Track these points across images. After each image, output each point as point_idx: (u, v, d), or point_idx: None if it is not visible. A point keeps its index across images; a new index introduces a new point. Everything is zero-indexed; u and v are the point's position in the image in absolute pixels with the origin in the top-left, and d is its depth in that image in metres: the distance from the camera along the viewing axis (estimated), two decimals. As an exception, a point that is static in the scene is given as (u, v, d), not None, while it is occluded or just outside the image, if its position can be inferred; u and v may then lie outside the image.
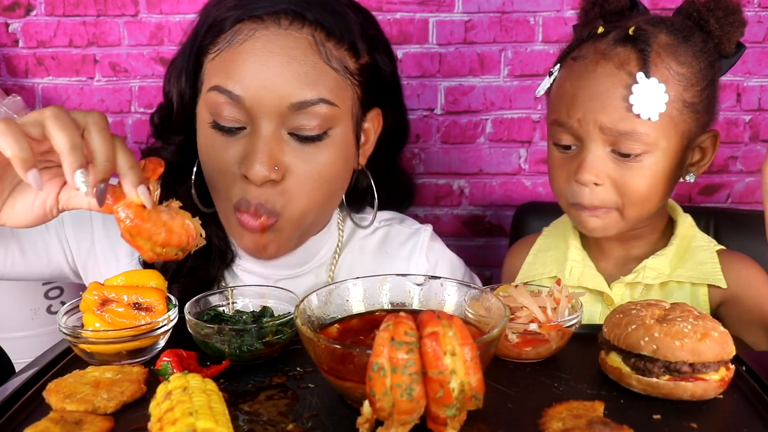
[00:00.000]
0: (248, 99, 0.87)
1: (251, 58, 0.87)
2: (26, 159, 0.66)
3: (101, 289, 0.84)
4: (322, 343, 0.69)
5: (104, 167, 0.70)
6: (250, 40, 0.88)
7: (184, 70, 0.95)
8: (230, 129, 0.90)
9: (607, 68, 0.98)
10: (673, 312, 0.77)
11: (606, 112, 0.97)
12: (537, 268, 1.18)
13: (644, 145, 0.97)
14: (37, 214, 0.76)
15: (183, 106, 0.96)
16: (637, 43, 0.96)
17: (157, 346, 0.84)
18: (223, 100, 0.88)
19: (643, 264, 1.08)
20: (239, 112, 0.89)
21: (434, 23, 1.82)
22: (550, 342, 0.82)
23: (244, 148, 0.90)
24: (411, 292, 0.86)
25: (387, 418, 0.63)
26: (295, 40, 0.88)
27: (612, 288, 1.10)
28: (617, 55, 0.98)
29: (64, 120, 0.68)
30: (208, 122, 0.92)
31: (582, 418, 0.67)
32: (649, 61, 0.95)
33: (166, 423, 0.61)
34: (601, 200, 1.01)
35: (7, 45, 1.84)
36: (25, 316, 1.72)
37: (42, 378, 0.78)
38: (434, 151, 1.90)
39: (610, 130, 0.97)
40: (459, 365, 0.61)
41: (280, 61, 0.87)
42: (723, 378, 0.73)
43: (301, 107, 0.88)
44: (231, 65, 0.88)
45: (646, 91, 0.94)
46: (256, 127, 0.89)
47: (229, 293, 0.92)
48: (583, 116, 0.99)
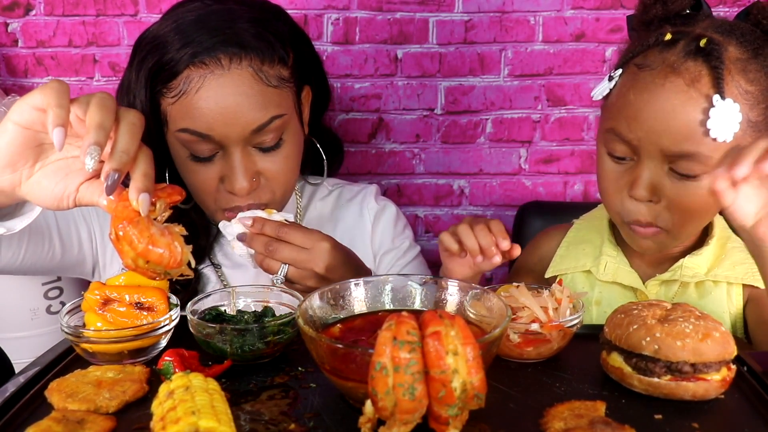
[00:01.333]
0: (216, 135, 1.03)
1: (209, 102, 1.01)
2: (60, 115, 0.69)
3: (103, 288, 0.84)
4: (324, 343, 0.69)
5: (119, 157, 0.70)
6: (203, 87, 1.01)
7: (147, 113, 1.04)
8: (206, 158, 1.06)
9: (677, 84, 0.92)
10: (674, 312, 0.77)
11: (671, 133, 0.92)
12: (569, 262, 1.16)
13: (705, 167, 0.92)
14: (55, 196, 0.76)
15: (156, 139, 1.08)
16: (709, 58, 0.91)
17: (158, 345, 0.84)
18: (194, 138, 1.03)
19: (680, 262, 1.07)
20: (210, 145, 1.04)
21: (434, 23, 1.82)
22: (552, 342, 0.82)
23: (221, 169, 1.06)
24: (413, 291, 0.86)
25: (389, 418, 0.63)
26: (240, 77, 1.02)
27: (647, 285, 1.09)
28: (687, 70, 0.92)
29: (106, 104, 0.71)
30: (185, 156, 1.07)
31: (584, 418, 0.67)
32: (723, 80, 0.89)
33: (168, 422, 0.61)
34: (654, 218, 0.98)
35: (6, 45, 1.84)
36: (24, 317, 1.72)
37: (44, 377, 0.78)
38: (434, 151, 1.90)
39: (672, 151, 0.93)
40: (461, 365, 0.62)
41: (234, 100, 1.02)
42: (724, 378, 0.73)
43: (260, 129, 1.04)
44: (193, 111, 1.02)
45: (723, 113, 0.90)
46: (227, 152, 1.05)
47: (231, 293, 0.92)
48: (645, 134, 0.94)
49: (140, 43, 1.10)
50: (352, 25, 1.82)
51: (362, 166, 1.91)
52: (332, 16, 1.82)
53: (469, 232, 0.95)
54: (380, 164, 1.92)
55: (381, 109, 1.88)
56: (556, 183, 1.96)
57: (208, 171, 1.06)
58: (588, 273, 1.13)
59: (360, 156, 1.91)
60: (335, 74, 1.85)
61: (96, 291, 0.84)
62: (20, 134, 0.72)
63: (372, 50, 1.84)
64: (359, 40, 1.83)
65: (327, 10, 1.81)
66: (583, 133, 1.92)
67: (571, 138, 1.92)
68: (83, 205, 0.77)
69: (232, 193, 1.06)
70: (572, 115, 1.90)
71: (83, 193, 0.75)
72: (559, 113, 1.90)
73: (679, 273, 1.06)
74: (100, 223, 1.18)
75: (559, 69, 1.86)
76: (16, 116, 0.72)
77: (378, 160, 1.91)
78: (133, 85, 1.08)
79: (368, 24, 1.82)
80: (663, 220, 0.98)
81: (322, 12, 1.81)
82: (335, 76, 1.85)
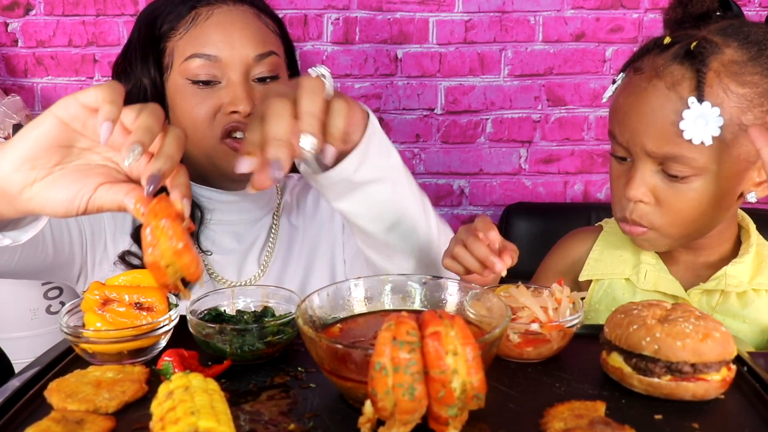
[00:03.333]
0: (223, 57, 1.11)
1: (218, 28, 1.11)
2: (112, 111, 0.68)
3: (102, 288, 0.84)
4: (324, 343, 0.69)
5: (166, 160, 0.70)
6: (213, 16, 1.12)
7: (148, 60, 1.14)
8: (208, 82, 1.11)
9: (658, 87, 0.94)
10: (674, 312, 0.77)
11: (651, 136, 0.94)
12: (605, 267, 1.14)
13: (692, 168, 0.93)
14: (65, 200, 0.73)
15: (155, 88, 1.15)
16: (694, 61, 0.91)
17: (158, 345, 0.84)
18: (201, 63, 1.11)
19: (722, 271, 1.05)
20: (215, 69, 1.11)
21: (434, 23, 1.82)
22: (552, 342, 0.82)
23: (223, 95, 1.12)
24: (413, 291, 0.86)
25: (389, 418, 0.63)
26: (243, 12, 1.15)
27: (689, 293, 1.07)
28: (671, 74, 0.93)
29: (157, 113, 0.71)
30: (190, 83, 1.12)
31: (583, 418, 0.67)
32: (703, 83, 0.90)
33: (168, 422, 0.61)
34: (640, 217, 0.99)
35: (6, 45, 1.84)
36: (24, 317, 1.72)
37: (43, 378, 0.78)
38: (434, 151, 1.90)
39: (656, 153, 0.94)
40: (461, 365, 0.62)
41: (240, 27, 1.12)
42: (724, 378, 0.73)
43: (261, 58, 1.13)
44: (202, 37, 1.11)
45: (698, 116, 0.90)
46: (230, 79, 1.12)
47: (230, 293, 0.92)
48: (630, 137, 0.96)
49: (142, 13, 1.20)
50: (352, 25, 1.82)
51: (362, 166, 1.91)
52: (332, 16, 1.82)
53: (465, 252, 0.94)
54: (380, 164, 1.92)
55: (381, 109, 1.88)
56: (556, 183, 1.96)
57: (207, 97, 1.12)
58: (627, 280, 1.11)
59: (360, 156, 1.91)
60: (335, 74, 1.86)
61: (95, 291, 0.84)
62: (56, 128, 0.71)
63: (372, 50, 1.84)
64: (359, 40, 1.84)
65: (327, 10, 1.82)
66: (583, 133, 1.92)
67: (571, 138, 1.92)
68: (97, 208, 0.74)
69: (235, 112, 1.11)
70: (572, 115, 1.90)
71: (102, 194, 0.73)
72: (559, 113, 1.90)
73: (724, 282, 1.04)
74: (90, 223, 1.18)
75: (559, 69, 1.86)
76: (60, 110, 0.71)
77: (378, 160, 1.91)
78: (132, 55, 1.16)
79: (368, 24, 1.82)
80: (649, 220, 0.99)
81: (322, 12, 1.82)
82: (335, 76, 1.86)
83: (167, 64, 1.14)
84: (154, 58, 1.14)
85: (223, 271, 1.22)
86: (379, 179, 0.93)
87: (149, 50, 1.14)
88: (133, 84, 1.15)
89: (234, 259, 1.23)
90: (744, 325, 1.05)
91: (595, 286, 1.14)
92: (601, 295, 1.13)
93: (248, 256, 1.24)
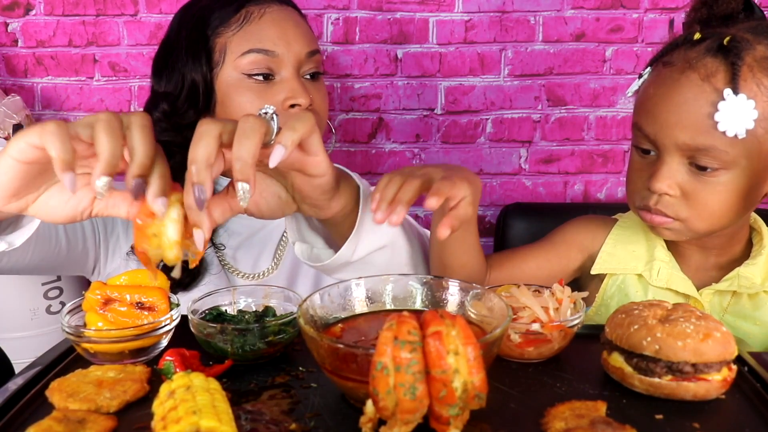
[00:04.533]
0: (280, 53, 1.14)
1: (274, 25, 1.15)
2: (66, 161, 0.66)
3: (104, 288, 0.84)
4: (325, 343, 0.69)
5: (140, 164, 0.69)
6: (267, 14, 1.16)
7: (199, 56, 1.15)
8: (266, 75, 1.14)
9: (692, 79, 0.93)
10: (675, 312, 0.77)
11: (684, 127, 0.93)
12: (618, 262, 1.13)
13: (722, 162, 0.93)
14: (67, 214, 0.75)
15: (205, 83, 1.16)
16: (728, 55, 0.91)
17: (159, 345, 0.84)
18: (258, 57, 1.13)
19: (735, 272, 1.05)
20: (272, 64, 1.14)
21: (434, 23, 1.83)
22: (553, 342, 0.82)
23: (280, 90, 1.15)
24: (414, 291, 0.86)
25: (390, 418, 0.63)
26: (291, 12, 1.19)
27: (701, 293, 1.06)
28: (705, 66, 0.93)
29: (111, 125, 0.69)
30: (246, 77, 1.14)
31: (584, 418, 0.67)
32: (738, 76, 0.90)
33: (169, 422, 0.61)
34: (665, 207, 0.98)
35: (6, 45, 1.84)
36: (24, 317, 1.72)
37: (45, 377, 0.78)
38: (434, 151, 1.90)
39: (687, 145, 0.94)
40: (462, 364, 0.62)
41: (292, 25, 1.17)
42: (725, 378, 0.73)
43: (311, 54, 1.17)
44: (260, 33, 1.14)
45: (733, 108, 0.90)
46: (284, 75, 1.15)
47: (231, 292, 0.92)
48: (660, 128, 0.96)
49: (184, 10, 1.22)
50: (352, 25, 1.83)
51: (362, 166, 1.92)
52: (332, 16, 1.82)
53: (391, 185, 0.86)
54: (380, 164, 1.92)
55: (381, 109, 1.88)
56: (556, 183, 1.96)
57: (267, 92, 1.14)
58: (640, 277, 1.11)
59: (360, 156, 1.91)
60: (335, 74, 1.86)
61: (97, 291, 0.84)
62: (19, 169, 0.70)
63: (372, 50, 1.84)
64: (359, 40, 1.84)
65: (327, 10, 1.82)
66: (583, 133, 1.92)
67: (571, 138, 1.92)
68: (103, 215, 0.76)
69: (293, 105, 1.14)
70: (572, 115, 1.90)
71: (100, 207, 0.75)
72: (559, 113, 1.90)
73: (736, 283, 1.04)
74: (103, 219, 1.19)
75: (559, 69, 1.86)
76: (14, 152, 0.69)
77: (378, 160, 1.92)
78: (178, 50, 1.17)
79: (368, 24, 1.82)
80: (675, 212, 0.98)
81: (322, 12, 1.82)
82: (335, 76, 1.86)
83: (218, 60, 1.16)
84: (205, 55, 1.16)
85: (237, 264, 1.25)
86: (378, 248, 0.95)
87: (200, 47, 1.16)
88: (177, 80, 1.17)
89: (249, 253, 1.25)
90: (755, 327, 1.05)
91: (609, 281, 1.13)
92: (614, 290, 1.13)
93: (264, 250, 1.26)
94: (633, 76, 1.91)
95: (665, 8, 1.84)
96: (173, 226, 0.72)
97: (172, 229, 0.71)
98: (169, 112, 1.18)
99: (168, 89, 1.18)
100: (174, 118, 1.18)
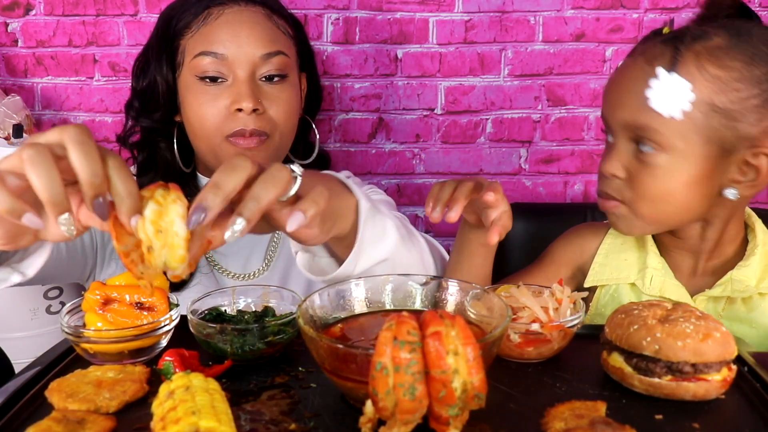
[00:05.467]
0: (230, 56, 1.13)
1: (227, 27, 1.14)
2: (59, 203, 0.62)
3: (103, 288, 0.84)
4: (325, 343, 0.69)
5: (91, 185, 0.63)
6: (223, 16, 1.15)
7: (163, 57, 1.18)
8: (215, 78, 1.14)
9: (638, 62, 0.97)
10: (675, 312, 0.77)
11: (623, 105, 0.97)
12: (610, 272, 1.12)
13: (659, 144, 0.94)
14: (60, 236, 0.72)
15: (167, 85, 1.18)
16: (676, 41, 0.94)
17: (159, 345, 0.84)
18: (209, 60, 1.14)
19: (728, 276, 1.04)
20: (222, 67, 1.14)
21: (434, 23, 1.82)
22: (552, 342, 0.82)
23: (229, 94, 1.14)
24: (413, 291, 0.86)
25: (389, 418, 0.63)
26: (254, 13, 1.17)
27: (695, 300, 1.05)
28: (652, 51, 0.96)
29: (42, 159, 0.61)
30: (198, 80, 1.15)
31: (584, 418, 0.67)
32: (677, 59, 0.92)
33: (168, 422, 0.61)
34: (613, 190, 1.01)
35: (6, 45, 1.84)
36: (24, 317, 1.72)
37: (44, 377, 0.78)
38: (434, 151, 1.90)
39: (627, 123, 0.97)
40: (462, 365, 0.62)
41: (248, 26, 1.15)
42: (725, 378, 0.73)
43: (268, 57, 1.15)
44: (212, 35, 1.14)
45: (666, 87, 0.92)
46: (236, 77, 1.14)
47: (231, 292, 0.92)
48: (609, 109, 1.00)
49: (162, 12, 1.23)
50: (352, 25, 1.82)
51: (362, 166, 1.92)
52: (332, 16, 1.82)
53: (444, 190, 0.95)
54: (380, 164, 1.92)
55: (381, 109, 1.88)
56: (556, 183, 1.96)
57: (216, 96, 1.14)
58: (633, 285, 1.10)
59: (360, 156, 1.91)
60: (335, 74, 1.86)
61: (96, 291, 0.84)
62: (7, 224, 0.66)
63: (372, 50, 1.84)
64: (359, 40, 1.83)
65: (327, 10, 1.81)
66: (583, 133, 1.92)
67: (571, 138, 1.92)
68: None
69: (239, 110, 1.13)
70: (572, 115, 1.90)
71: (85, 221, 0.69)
72: (559, 113, 1.90)
73: (730, 288, 1.03)
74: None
75: (559, 69, 1.86)
76: None
77: (378, 160, 1.91)
78: (150, 51, 1.20)
79: (368, 24, 1.82)
80: (621, 194, 1.01)
81: (322, 12, 1.82)
82: (335, 76, 1.86)
83: (179, 62, 1.18)
84: (167, 57, 1.18)
85: (227, 264, 1.25)
86: (379, 262, 0.94)
87: (164, 48, 1.18)
88: (149, 81, 1.20)
89: (239, 253, 1.25)
90: (751, 329, 1.04)
91: (601, 291, 1.13)
92: (607, 299, 1.12)
93: (254, 251, 1.26)
94: (633, 76, 1.91)
95: (665, 8, 1.84)
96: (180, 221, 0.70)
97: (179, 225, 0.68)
98: (140, 110, 1.22)
99: (140, 88, 1.21)
100: (145, 116, 1.22)
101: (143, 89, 1.22)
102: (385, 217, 0.95)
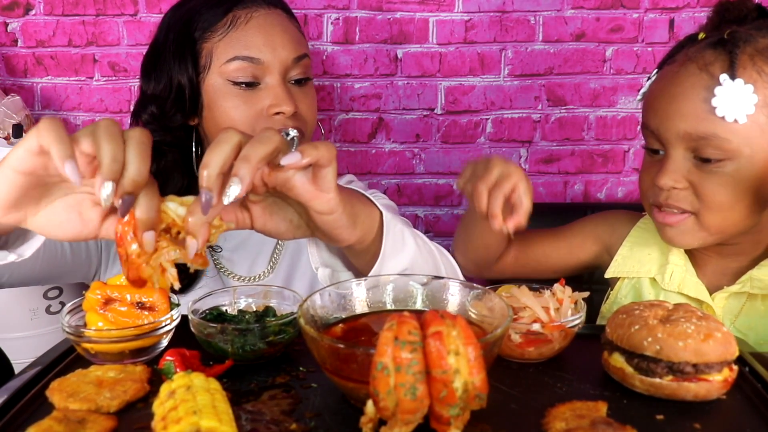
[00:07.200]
0: (265, 60, 1.13)
1: (259, 32, 1.14)
2: (64, 150, 0.65)
3: (104, 288, 0.84)
4: (326, 343, 0.69)
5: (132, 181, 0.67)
6: (252, 20, 1.14)
7: (186, 60, 1.15)
8: (251, 84, 1.14)
9: (690, 69, 0.95)
10: (676, 312, 0.77)
11: (683, 116, 0.94)
12: (633, 265, 1.12)
13: (725, 151, 0.93)
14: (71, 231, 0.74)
15: (192, 88, 1.16)
16: (727, 46, 0.93)
17: (159, 345, 0.84)
18: (244, 65, 1.13)
19: (747, 275, 1.03)
20: (257, 71, 1.14)
21: (434, 23, 1.83)
22: (553, 342, 0.82)
23: (264, 97, 1.14)
24: (414, 291, 0.86)
25: (390, 418, 0.63)
26: (279, 15, 1.18)
27: (714, 298, 1.05)
28: (703, 57, 0.94)
29: (112, 132, 0.68)
30: (230, 84, 1.14)
31: (585, 419, 0.67)
32: (736, 62, 0.91)
33: (169, 422, 0.61)
34: (677, 201, 0.98)
35: (6, 44, 1.84)
36: (24, 317, 1.72)
37: (45, 377, 0.78)
38: (434, 151, 1.90)
39: (689, 134, 0.94)
40: (463, 365, 0.62)
41: (279, 31, 1.15)
42: (726, 379, 0.73)
43: (298, 60, 1.16)
44: (244, 40, 1.13)
45: (730, 93, 0.90)
46: (269, 82, 1.14)
47: (232, 293, 0.92)
48: (661, 121, 0.97)
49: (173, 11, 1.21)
50: (352, 25, 1.82)
51: (362, 166, 1.92)
52: (332, 16, 1.82)
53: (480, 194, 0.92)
54: (380, 164, 1.92)
55: (381, 109, 1.88)
56: (556, 183, 1.96)
57: (250, 99, 1.14)
58: (653, 280, 1.10)
59: (360, 156, 1.91)
60: (335, 74, 1.86)
61: (97, 290, 0.84)
62: (21, 179, 0.69)
63: (372, 50, 1.84)
64: (359, 40, 1.83)
65: (327, 10, 1.82)
66: (583, 133, 1.92)
67: (571, 138, 1.92)
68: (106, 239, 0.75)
69: (280, 113, 1.13)
70: (572, 115, 1.90)
71: (109, 229, 0.74)
72: (559, 113, 1.90)
73: (749, 285, 1.03)
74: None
75: (559, 69, 1.86)
76: (14, 162, 0.68)
77: (378, 160, 1.92)
78: (166, 53, 1.17)
79: (368, 24, 1.82)
80: (689, 203, 0.98)
81: (322, 12, 1.82)
82: (335, 75, 1.86)
83: (204, 65, 1.15)
84: (192, 59, 1.15)
85: (233, 267, 1.25)
86: (401, 272, 0.93)
87: (186, 51, 1.15)
88: (165, 83, 1.17)
89: (245, 256, 1.25)
90: None
91: (623, 282, 1.13)
92: (629, 289, 1.13)
93: (260, 254, 1.26)
94: (633, 76, 1.91)
95: (665, 8, 1.84)
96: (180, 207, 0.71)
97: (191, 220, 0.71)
98: (157, 114, 1.18)
99: (156, 91, 1.18)
100: (162, 120, 1.18)
101: (159, 92, 1.19)
102: (404, 227, 0.96)
